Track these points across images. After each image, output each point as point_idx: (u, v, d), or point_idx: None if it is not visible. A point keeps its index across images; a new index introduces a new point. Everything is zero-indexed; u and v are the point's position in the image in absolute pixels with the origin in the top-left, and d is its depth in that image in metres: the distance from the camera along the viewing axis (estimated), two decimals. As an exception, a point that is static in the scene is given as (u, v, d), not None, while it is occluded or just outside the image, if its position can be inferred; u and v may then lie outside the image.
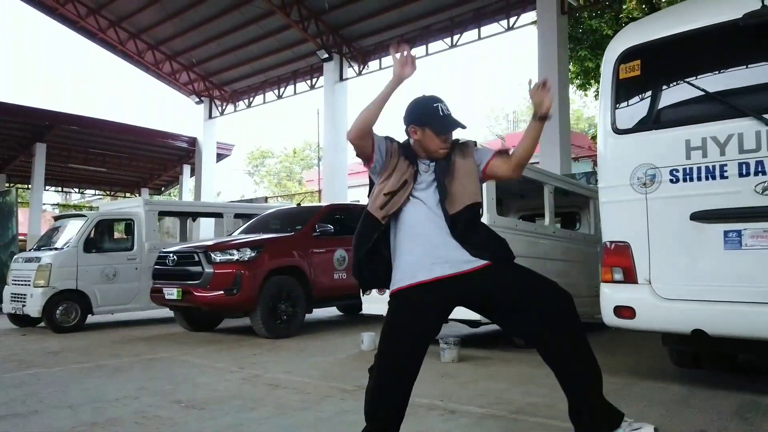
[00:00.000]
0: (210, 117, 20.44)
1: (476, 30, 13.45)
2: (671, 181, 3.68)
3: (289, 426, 3.32)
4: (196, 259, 7.01)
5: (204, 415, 3.59)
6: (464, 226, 2.38)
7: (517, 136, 21.77)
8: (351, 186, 16.72)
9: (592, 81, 15.42)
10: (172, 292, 7.07)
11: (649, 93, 3.96)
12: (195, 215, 11.05)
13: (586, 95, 15.49)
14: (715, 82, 3.66)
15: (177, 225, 11.53)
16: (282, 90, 18.30)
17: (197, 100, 20.25)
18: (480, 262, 2.37)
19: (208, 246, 7.14)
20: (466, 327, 7.24)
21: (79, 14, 17.24)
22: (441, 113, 2.40)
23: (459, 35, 13.76)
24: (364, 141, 2.39)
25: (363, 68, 16.16)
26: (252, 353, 6.01)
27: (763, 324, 3.29)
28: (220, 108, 20.28)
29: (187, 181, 23.40)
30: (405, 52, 2.35)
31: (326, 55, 15.84)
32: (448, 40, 13.96)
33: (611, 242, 3.98)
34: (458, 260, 2.35)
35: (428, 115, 2.42)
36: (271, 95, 18.79)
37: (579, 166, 15.89)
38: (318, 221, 7.91)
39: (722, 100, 3.54)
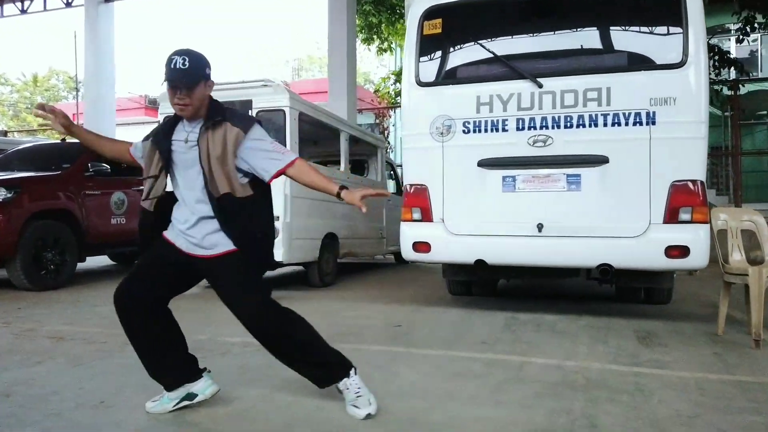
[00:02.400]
0: None
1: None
2: (464, 131, 4.18)
3: (93, 375, 3.03)
4: (-71, 199, 5.70)
5: (-23, 375, 3.07)
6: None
7: (299, 83, 21.80)
8: (120, 123, 15.03)
9: (375, 36, 16.15)
10: None
11: (448, 50, 4.39)
12: None
13: (369, 50, 16.18)
14: (503, 45, 4.22)
15: None
16: (27, 3, 15.34)
17: None
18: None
19: (-54, 183, 5.84)
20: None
21: None
22: (171, 66, 2.20)
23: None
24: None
25: (134, -9, 14.40)
26: (15, 307, 5.21)
27: (529, 253, 4.03)
28: (-65, 15, 16.20)
29: None
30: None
31: (87, -31, 13.70)
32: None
33: (411, 185, 4.39)
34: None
35: (165, 69, 2.23)
36: (12, 8, 15.60)
37: (362, 119, 16.67)
38: (91, 159, 7.02)
39: (506, 63, 4.11)
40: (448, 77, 4.32)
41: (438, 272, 7.66)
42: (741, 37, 10.79)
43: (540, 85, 3.99)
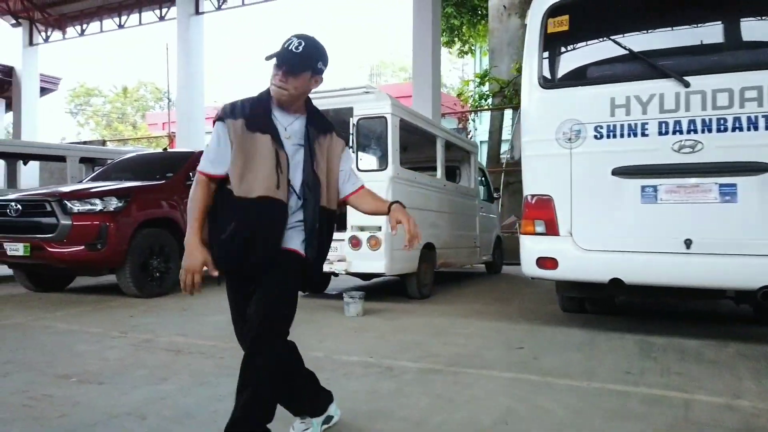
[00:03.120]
0: (31, 44, 17.43)
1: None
2: (595, 137, 3.82)
3: (221, 397, 2.93)
4: (49, 208, 5.95)
5: (108, 390, 3.04)
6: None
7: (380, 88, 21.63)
8: (209, 132, 15.51)
9: (456, 39, 15.86)
10: (16, 248, 5.94)
11: (575, 48, 4.04)
12: (30, 157, 9.40)
13: (450, 53, 15.87)
14: (640, 42, 3.83)
15: (4, 170, 9.72)
16: (124, 19, 16.15)
17: (13, 22, 17.13)
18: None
19: (63, 193, 6.08)
20: (357, 280, 7.17)
21: None
22: (285, 45, 2.01)
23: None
24: None
25: (223, 2, 14.81)
26: (128, 315, 5.31)
27: (674, 272, 3.61)
28: (44, 34, 17.38)
29: (1, 119, 19.96)
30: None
31: (180, -16, 14.23)
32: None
33: (533, 196, 4.07)
34: None
35: (280, 47, 2.03)
36: (110, 24, 16.50)
37: (445, 123, 16.41)
38: (192, 168, 7.14)
39: (647, 60, 3.71)
40: (576, 78, 3.97)
41: (538, 284, 7.27)
42: None
43: (687, 84, 3.57)
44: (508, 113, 14.39)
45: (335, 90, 5.94)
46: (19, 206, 6.11)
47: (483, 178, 9.23)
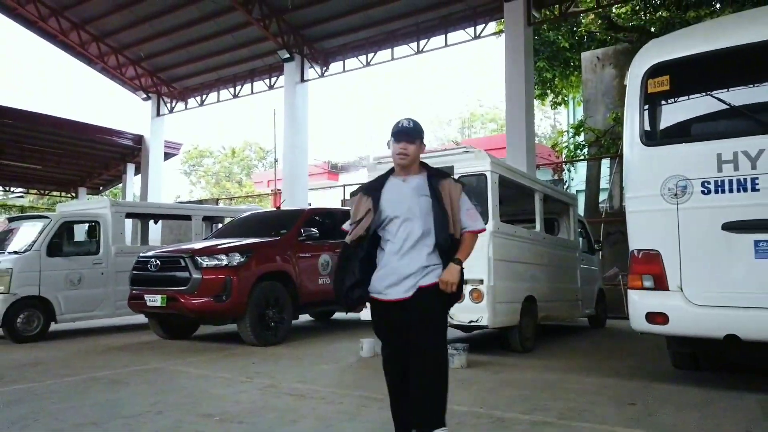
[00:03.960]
0: (158, 114, 19.57)
1: (443, 36, 13.61)
2: (703, 192, 3.86)
3: (346, 439, 3.21)
4: (183, 264, 6.68)
5: (247, 429, 3.42)
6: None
7: (471, 141, 22.15)
8: (312, 189, 16.50)
9: (549, 91, 15.98)
10: (155, 299, 6.70)
11: (678, 106, 4.14)
12: (161, 217, 10.54)
13: (543, 105, 15.99)
14: (744, 97, 3.87)
15: (136, 227, 10.94)
16: (238, 89, 17.80)
17: (144, 96, 19.35)
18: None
19: (195, 250, 6.81)
20: (459, 332, 7.31)
21: (17, 1, 16.08)
22: (399, 125, 2.81)
23: (426, 41, 13.86)
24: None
25: (325, 70, 15.98)
26: (249, 362, 5.79)
27: (795, 328, 3.50)
28: (169, 105, 19.48)
29: (132, 181, 22.31)
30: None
31: (287, 55, 15.53)
32: (414, 45, 14.05)
33: (640, 250, 4.12)
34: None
35: (393, 127, 2.84)
36: (226, 94, 18.23)
37: (540, 174, 16.42)
38: (303, 225, 7.74)
39: (753, 116, 3.74)
40: (679, 134, 4.05)
41: (646, 340, 7.03)
42: None
43: (798, 139, 3.57)
44: (605, 162, 14.16)
45: (439, 151, 6.32)
46: (158, 262, 6.91)
47: (582, 230, 9.15)
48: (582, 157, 14.45)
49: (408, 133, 2.76)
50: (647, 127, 4.14)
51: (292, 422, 3.56)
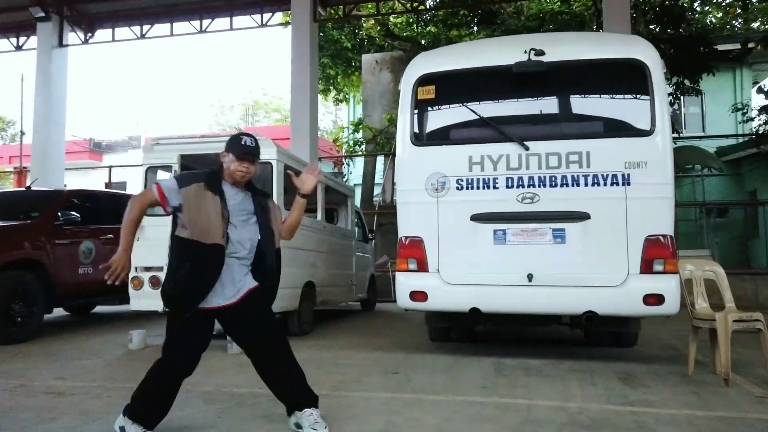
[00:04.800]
0: None
1: (228, 18, 13.23)
2: (457, 188, 4.52)
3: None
4: None
5: (-6, 434, 3.01)
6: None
7: (256, 130, 21.76)
8: (69, 168, 14.63)
9: (332, 87, 16.66)
10: None
11: (441, 113, 4.76)
12: None
13: (326, 100, 16.61)
14: (492, 110, 4.64)
15: None
16: (-27, 44, 14.91)
17: None
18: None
19: None
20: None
21: None
22: (242, 143, 2.89)
23: (210, 21, 13.30)
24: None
25: (90, 36, 14.28)
26: (-10, 363, 5.01)
27: (520, 301, 4.34)
28: None
29: None
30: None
31: (41, 14, 13.50)
32: (197, 23, 13.38)
33: (406, 237, 4.65)
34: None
35: (233, 144, 2.91)
36: (-43, 48, 15.12)
37: (321, 167, 16.97)
38: (61, 208, 6.91)
39: (496, 127, 4.51)
40: (441, 138, 4.67)
41: (409, 319, 7.91)
42: (672, 100, 11.91)
43: (527, 148, 4.40)
44: (380, 159, 15.32)
45: (221, 136, 6.20)
46: None
47: (358, 220, 9.81)
48: (360, 153, 15.40)
49: (253, 153, 2.86)
50: (416, 129, 4.69)
51: (51, 420, 3.23)
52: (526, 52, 4.43)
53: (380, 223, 13.45)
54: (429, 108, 4.73)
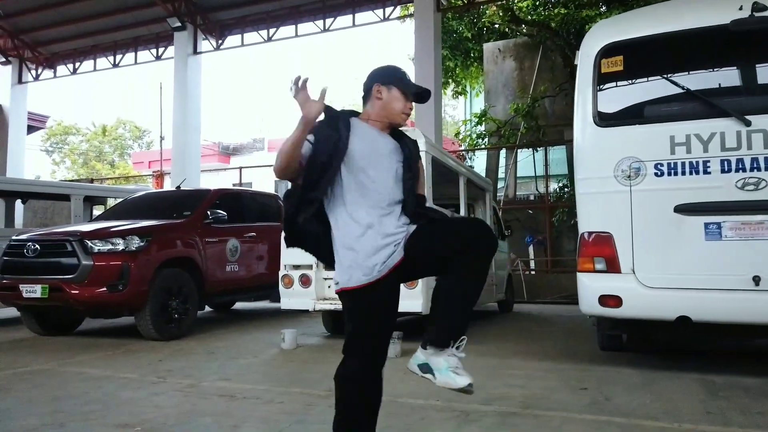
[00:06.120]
0: (20, 82, 17.19)
1: (350, 16, 13.17)
2: (656, 174, 3.85)
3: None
4: (70, 248, 5.72)
5: (182, 441, 2.86)
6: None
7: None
8: (204, 170, 15.37)
9: (450, 80, 16.16)
10: (34, 290, 5.67)
11: (631, 88, 4.11)
12: (31, 196, 9.11)
13: (444, 94, 16.16)
14: (698, 81, 3.91)
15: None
16: (119, 58, 16.09)
17: (3, 60, 16.91)
18: None
19: (84, 233, 5.87)
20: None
21: None
22: (408, 79, 2.27)
23: (332, 19, 13.33)
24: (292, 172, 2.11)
25: (221, 42, 14.89)
26: (156, 359, 5.07)
27: (742, 309, 3.59)
28: (33, 72, 17.18)
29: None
30: (300, 84, 2.00)
31: (178, 24, 14.26)
32: (320, 22, 13.47)
33: (591, 233, 4.05)
34: None
35: (396, 77, 2.24)
36: (104, 62, 16.40)
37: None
38: (209, 207, 7.01)
39: (706, 100, 3.78)
40: (633, 116, 4.02)
41: (553, 322, 7.24)
42: None
43: (748, 123, 3.65)
44: (503, 153, 14.60)
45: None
46: (37, 246, 5.87)
47: (495, 216, 9.25)
48: (483, 147, 14.78)
49: (424, 98, 2.32)
50: (600, 108, 4.07)
51: (234, 428, 3.05)
52: (741, 9, 3.68)
53: (504, 219, 12.76)
54: (616, 82, 4.09)
